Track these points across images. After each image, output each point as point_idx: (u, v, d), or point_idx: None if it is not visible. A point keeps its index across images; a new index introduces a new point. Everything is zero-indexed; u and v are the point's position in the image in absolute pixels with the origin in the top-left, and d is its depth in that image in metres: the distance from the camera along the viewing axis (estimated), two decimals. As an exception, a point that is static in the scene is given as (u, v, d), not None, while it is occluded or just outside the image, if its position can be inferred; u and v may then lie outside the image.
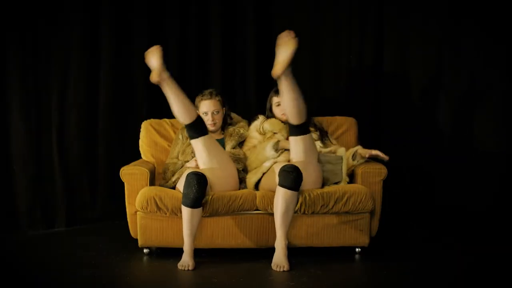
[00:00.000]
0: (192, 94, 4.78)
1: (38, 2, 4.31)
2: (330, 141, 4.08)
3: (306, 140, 3.63)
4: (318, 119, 4.22)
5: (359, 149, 3.91)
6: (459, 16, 4.50)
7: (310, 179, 3.64)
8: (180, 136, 4.03)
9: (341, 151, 3.84)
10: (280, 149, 3.84)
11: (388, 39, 4.68)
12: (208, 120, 3.95)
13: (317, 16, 4.80)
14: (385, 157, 3.73)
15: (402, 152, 4.59)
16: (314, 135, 4.01)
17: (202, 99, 4.00)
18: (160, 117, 4.31)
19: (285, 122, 3.95)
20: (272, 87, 4.39)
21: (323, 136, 4.06)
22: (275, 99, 4.04)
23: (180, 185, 3.63)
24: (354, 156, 3.88)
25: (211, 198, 3.57)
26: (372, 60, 4.70)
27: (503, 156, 4.46)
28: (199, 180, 3.46)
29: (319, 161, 3.72)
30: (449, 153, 4.54)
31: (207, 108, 3.96)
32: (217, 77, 4.75)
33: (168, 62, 4.69)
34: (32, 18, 4.31)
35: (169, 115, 4.43)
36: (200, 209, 3.50)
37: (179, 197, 3.56)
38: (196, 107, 4.01)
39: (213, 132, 4.01)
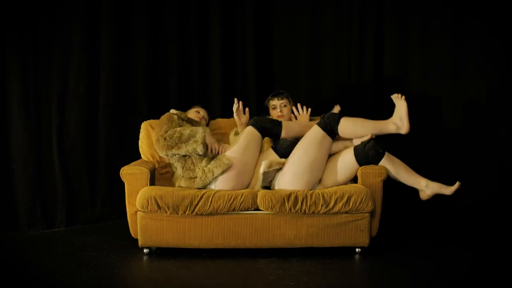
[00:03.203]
0: (193, 94, 4.80)
1: (38, 1, 4.31)
2: None
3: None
4: (317, 119, 4.23)
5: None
6: (460, 15, 4.50)
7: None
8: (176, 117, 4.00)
9: None
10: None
11: (389, 39, 4.68)
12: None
13: (317, 16, 4.80)
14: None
15: (402, 152, 4.59)
16: None
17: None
18: (160, 117, 4.31)
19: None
20: (271, 87, 4.40)
21: None
22: (271, 102, 4.17)
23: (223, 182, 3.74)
24: None
25: (212, 196, 3.58)
26: (373, 60, 4.70)
27: (503, 157, 4.47)
28: None
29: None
30: (449, 153, 4.54)
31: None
32: (217, 78, 4.75)
33: (168, 63, 4.72)
34: (32, 17, 4.30)
35: (169, 115, 4.44)
36: None
37: (179, 195, 3.58)
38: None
39: None
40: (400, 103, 3.83)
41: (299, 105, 4.19)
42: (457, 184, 3.73)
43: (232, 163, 3.72)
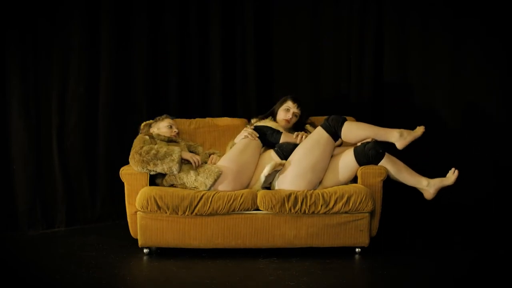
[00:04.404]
0: (193, 94, 4.79)
1: (38, 1, 4.31)
2: None
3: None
4: (317, 119, 4.23)
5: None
6: (460, 15, 4.50)
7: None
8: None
9: None
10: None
11: (389, 39, 4.68)
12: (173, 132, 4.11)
13: (317, 16, 4.80)
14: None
15: (402, 152, 4.59)
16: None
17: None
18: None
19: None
20: (271, 87, 4.39)
21: None
22: (288, 103, 4.09)
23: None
24: None
25: (212, 197, 3.58)
26: (373, 60, 4.70)
27: (503, 157, 4.47)
28: None
29: None
30: (449, 153, 4.54)
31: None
32: (217, 78, 4.75)
33: (168, 63, 4.72)
34: (32, 17, 4.30)
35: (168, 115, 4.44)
36: None
37: (179, 196, 3.58)
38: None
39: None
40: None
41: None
42: (452, 170, 3.76)
43: (221, 170, 3.72)
